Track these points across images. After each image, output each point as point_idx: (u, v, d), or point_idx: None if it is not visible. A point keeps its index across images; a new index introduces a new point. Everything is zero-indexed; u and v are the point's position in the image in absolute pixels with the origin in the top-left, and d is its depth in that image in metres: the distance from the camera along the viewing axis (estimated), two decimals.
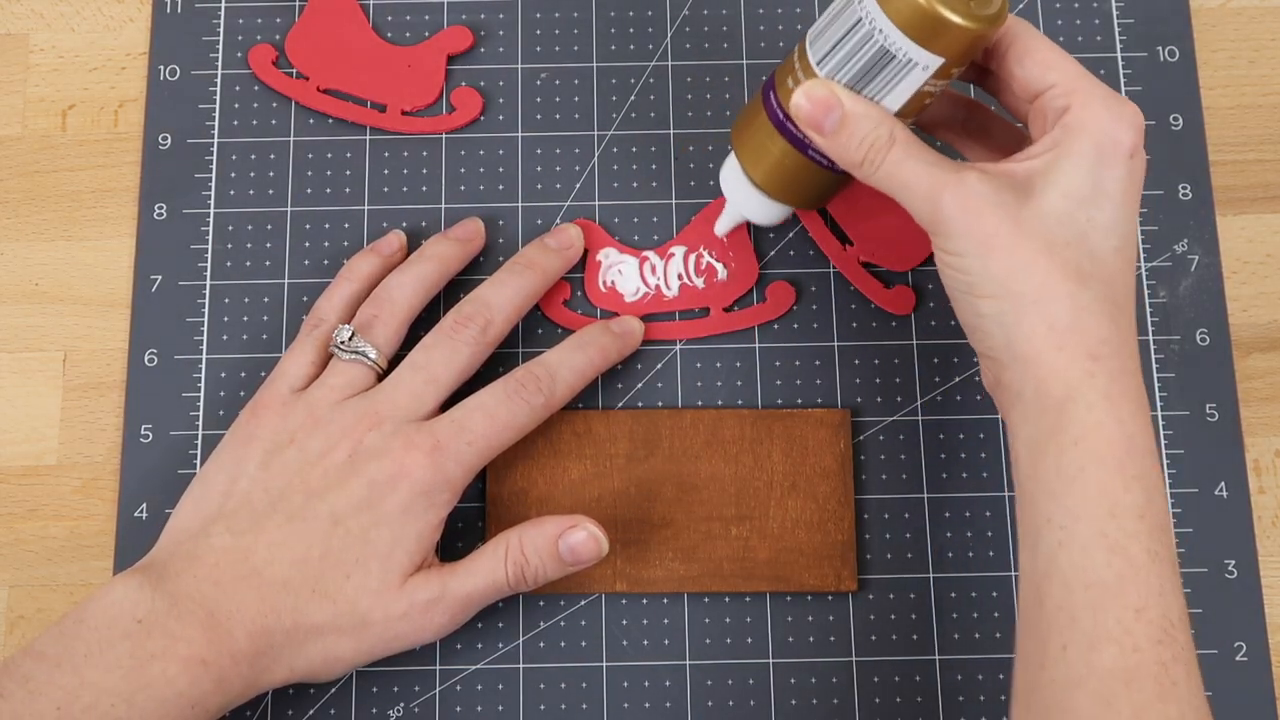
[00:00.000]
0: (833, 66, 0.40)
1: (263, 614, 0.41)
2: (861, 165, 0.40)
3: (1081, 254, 0.38)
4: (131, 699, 0.39)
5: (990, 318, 0.38)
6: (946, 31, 0.38)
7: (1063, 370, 0.37)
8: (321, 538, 0.42)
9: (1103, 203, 0.38)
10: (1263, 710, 0.47)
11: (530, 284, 0.47)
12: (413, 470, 0.43)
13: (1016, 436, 0.39)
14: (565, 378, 0.46)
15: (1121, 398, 0.37)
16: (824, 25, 0.40)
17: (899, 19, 0.38)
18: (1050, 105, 0.39)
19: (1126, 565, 0.36)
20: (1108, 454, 0.36)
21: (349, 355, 0.45)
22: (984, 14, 0.38)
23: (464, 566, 0.44)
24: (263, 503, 0.43)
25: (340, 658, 0.43)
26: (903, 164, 0.39)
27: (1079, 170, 0.38)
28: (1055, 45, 0.40)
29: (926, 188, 0.39)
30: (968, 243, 0.38)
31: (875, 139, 0.39)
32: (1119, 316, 0.38)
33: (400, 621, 0.42)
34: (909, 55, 0.38)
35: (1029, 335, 0.37)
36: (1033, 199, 0.38)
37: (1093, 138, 0.38)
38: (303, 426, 0.44)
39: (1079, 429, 0.37)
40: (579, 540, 0.44)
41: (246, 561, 0.42)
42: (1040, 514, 0.37)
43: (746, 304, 0.50)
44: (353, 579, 0.42)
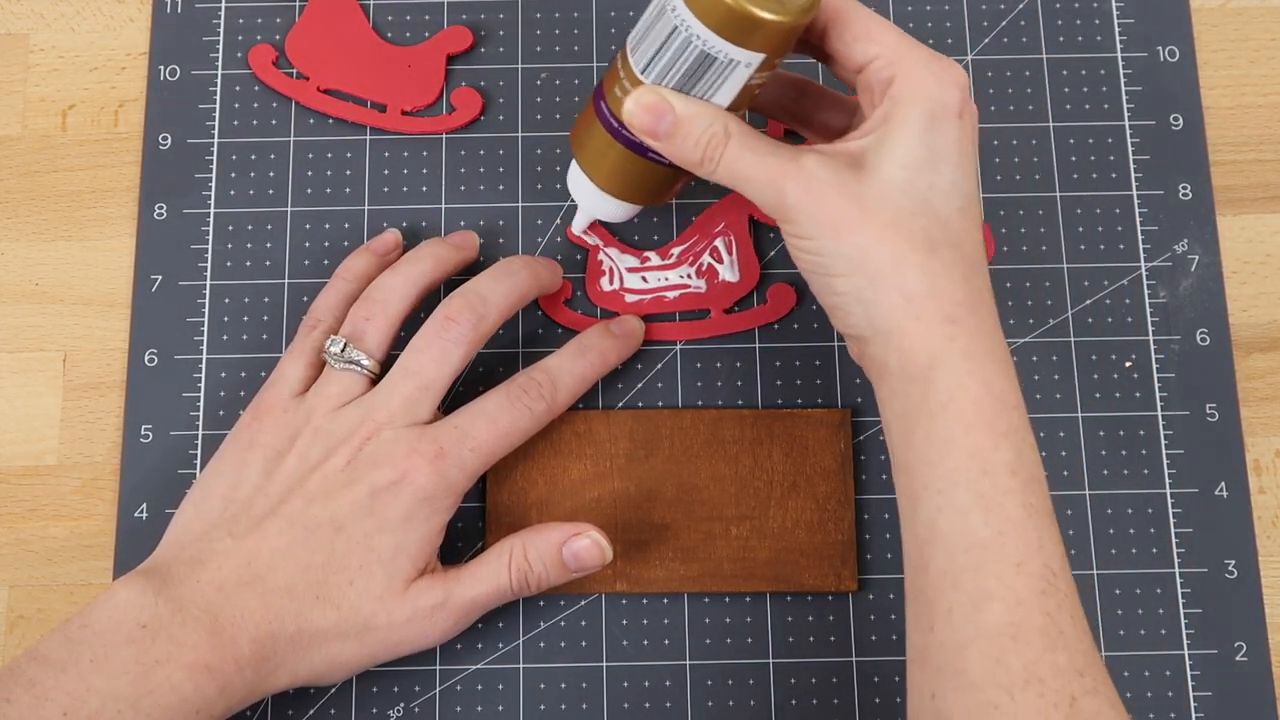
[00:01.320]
0: (658, 73, 0.39)
1: (266, 620, 0.41)
2: (702, 164, 0.40)
3: (928, 221, 0.38)
4: (137, 704, 0.39)
5: (848, 295, 0.39)
6: (760, 28, 0.37)
7: (923, 338, 0.38)
8: (325, 544, 0.42)
9: (940, 166, 0.38)
10: (1263, 710, 0.47)
11: (524, 282, 0.47)
12: (416, 477, 0.43)
13: (887, 408, 0.39)
14: (567, 383, 0.46)
15: (984, 356, 0.38)
16: (641, 33, 0.40)
17: (712, 22, 0.37)
18: (875, 78, 0.39)
19: (1004, 522, 0.36)
20: (975, 415, 0.37)
21: (342, 365, 0.45)
22: (796, 4, 0.38)
23: (467, 572, 0.44)
24: (264, 509, 0.43)
25: (343, 663, 0.43)
26: (741, 158, 0.39)
27: (911, 139, 0.38)
28: (874, 16, 0.39)
29: (767, 178, 0.39)
30: (816, 226, 0.38)
31: (711, 137, 0.39)
32: (972, 276, 0.38)
33: (403, 627, 0.43)
34: (729, 55, 0.38)
35: (887, 308, 0.38)
36: (872, 174, 0.38)
37: (920, 105, 0.38)
38: (303, 434, 0.44)
39: (945, 393, 0.37)
40: (583, 547, 0.44)
41: (249, 567, 0.42)
42: (917, 481, 0.38)
43: (747, 305, 0.50)
44: (356, 585, 0.42)
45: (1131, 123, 0.52)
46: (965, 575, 0.36)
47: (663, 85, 0.39)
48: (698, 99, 0.40)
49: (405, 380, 0.44)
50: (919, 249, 0.38)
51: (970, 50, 0.53)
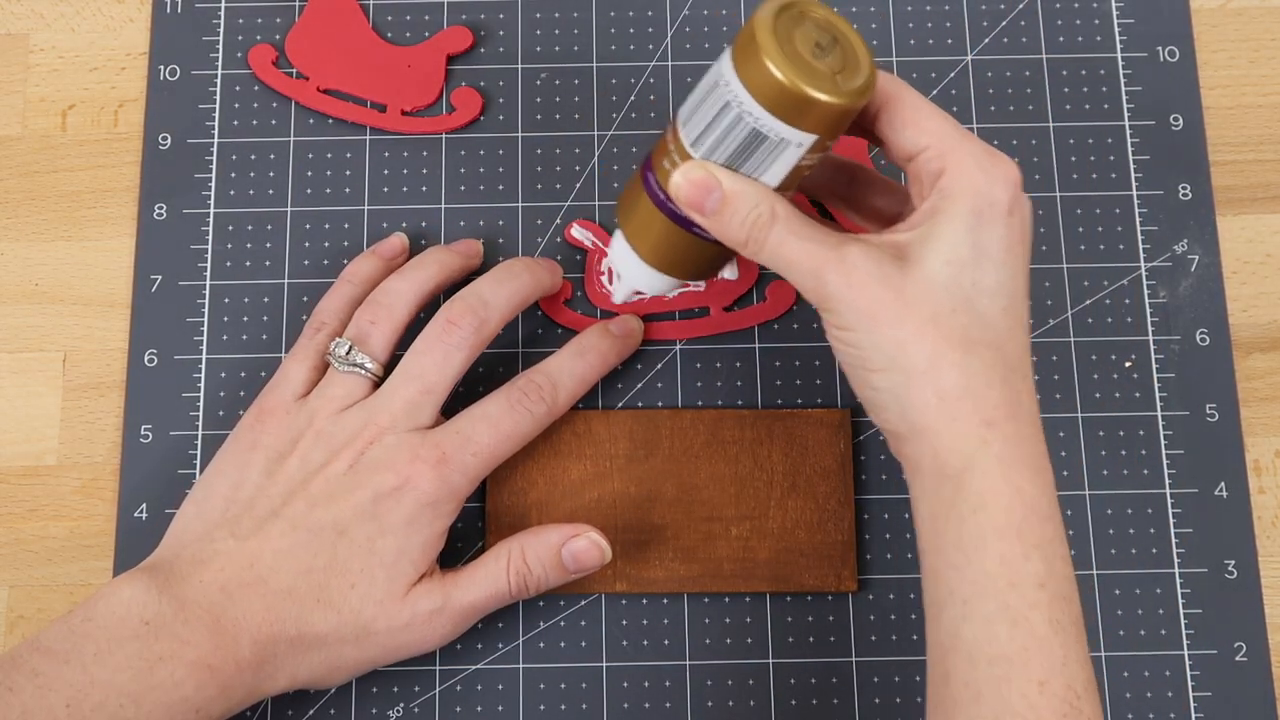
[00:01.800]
0: (708, 148, 0.39)
1: (268, 622, 0.41)
2: (746, 244, 0.39)
3: (969, 320, 0.37)
4: (140, 700, 0.39)
5: (884, 391, 0.38)
6: (813, 109, 0.37)
7: (958, 440, 0.37)
8: (327, 547, 0.42)
9: (985, 264, 0.37)
10: (1263, 710, 0.47)
11: (526, 285, 0.47)
12: (418, 482, 0.43)
13: (919, 508, 0.38)
14: (567, 385, 0.46)
15: (1018, 463, 0.37)
16: (693, 108, 0.39)
17: (765, 100, 0.37)
18: (925, 169, 0.38)
19: (1029, 637, 0.35)
20: (1005, 522, 0.36)
21: (346, 368, 0.45)
22: (850, 87, 0.37)
23: (466, 575, 0.44)
24: (266, 510, 0.43)
25: (342, 666, 0.43)
26: (785, 242, 0.38)
27: (957, 235, 0.37)
28: (927, 104, 0.39)
29: (810, 265, 0.38)
30: (854, 318, 0.38)
31: (756, 217, 0.38)
32: (1012, 379, 0.37)
33: (403, 631, 0.43)
34: (780, 134, 0.37)
35: (922, 407, 0.37)
36: (915, 269, 0.37)
37: (968, 201, 0.37)
38: (305, 437, 0.44)
39: (976, 498, 0.36)
40: (581, 548, 0.44)
41: (252, 569, 0.42)
42: (943, 587, 0.37)
43: (746, 303, 0.50)
44: (357, 589, 0.42)
45: (1131, 123, 0.52)
46: (987, 689, 0.35)
47: (712, 161, 0.39)
48: (746, 177, 0.39)
49: (407, 384, 0.44)
50: (957, 347, 0.37)
51: (970, 50, 0.53)
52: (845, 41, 0.38)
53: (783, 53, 0.36)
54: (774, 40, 0.36)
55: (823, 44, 0.37)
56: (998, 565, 0.36)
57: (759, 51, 0.36)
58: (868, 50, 0.38)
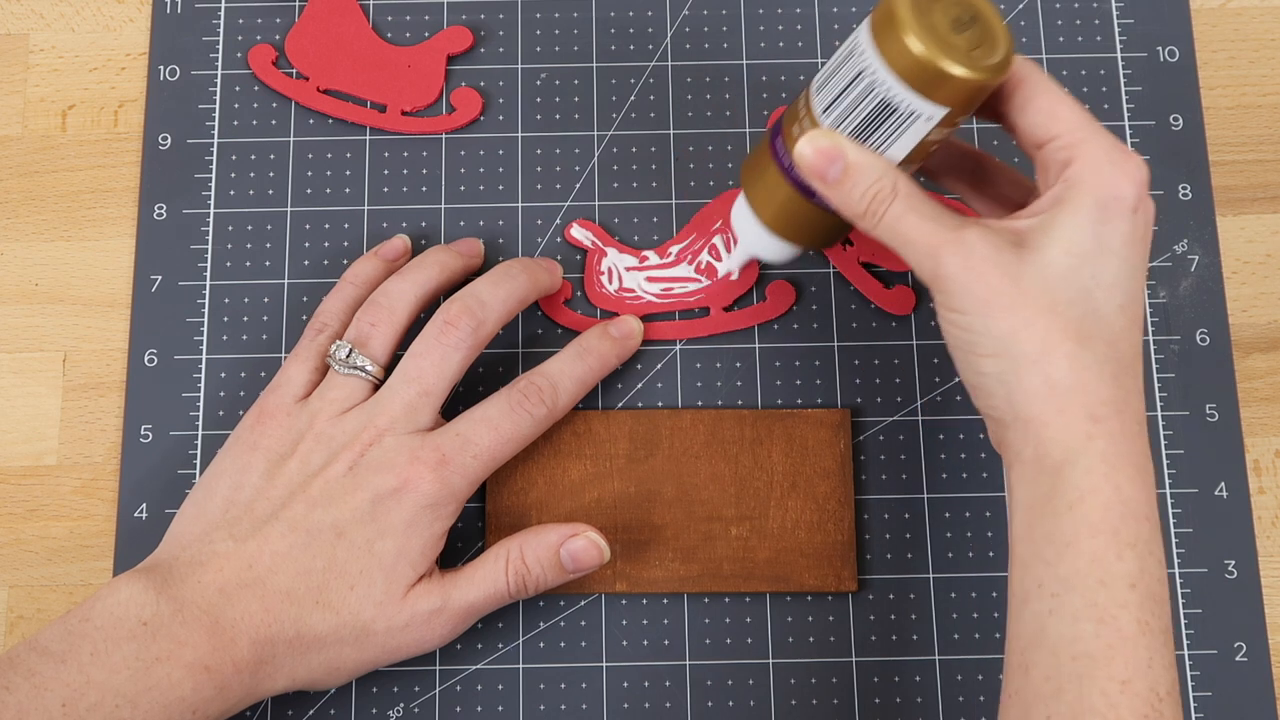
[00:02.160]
0: (837, 116, 0.39)
1: (266, 623, 0.41)
2: (864, 217, 0.39)
3: (1084, 312, 0.37)
4: (136, 701, 0.39)
5: (992, 377, 0.38)
6: (947, 83, 0.37)
7: (1062, 432, 0.36)
8: (325, 549, 0.42)
9: (1106, 259, 0.37)
10: (1263, 710, 0.47)
11: (521, 287, 0.47)
12: (419, 484, 0.43)
13: (1014, 496, 0.38)
14: (567, 387, 0.46)
15: (1120, 461, 0.36)
16: (827, 75, 0.39)
17: (900, 71, 0.37)
18: (1053, 158, 0.38)
19: (1115, 636, 0.35)
20: (1102, 520, 0.36)
21: (347, 371, 0.45)
22: (987, 63, 0.37)
23: (465, 576, 0.44)
24: (265, 512, 0.43)
25: (341, 667, 0.43)
26: (904, 218, 0.38)
27: (1080, 226, 0.37)
28: (1061, 91, 0.39)
29: (927, 244, 0.38)
30: (968, 301, 0.37)
31: (878, 191, 0.38)
32: (1123, 376, 0.37)
33: (402, 632, 0.43)
34: (911, 107, 0.38)
35: (1029, 395, 0.37)
36: (1034, 256, 0.37)
37: (1094, 193, 0.37)
38: (305, 439, 0.44)
39: (1075, 493, 0.36)
40: (580, 548, 0.44)
41: (251, 570, 0.42)
42: (1031, 578, 0.37)
43: (746, 303, 0.50)
44: (356, 590, 0.42)
45: (1131, 123, 0.52)
46: (1068, 684, 0.35)
47: (841, 128, 0.39)
48: (871, 150, 0.39)
49: (406, 386, 0.44)
50: (1070, 338, 0.37)
51: None
52: (984, 19, 0.38)
53: (921, 24, 0.37)
54: (913, 12, 0.37)
55: (962, 20, 0.38)
56: (1089, 562, 0.36)
57: (897, 22, 0.37)
58: (1006, 29, 0.38)
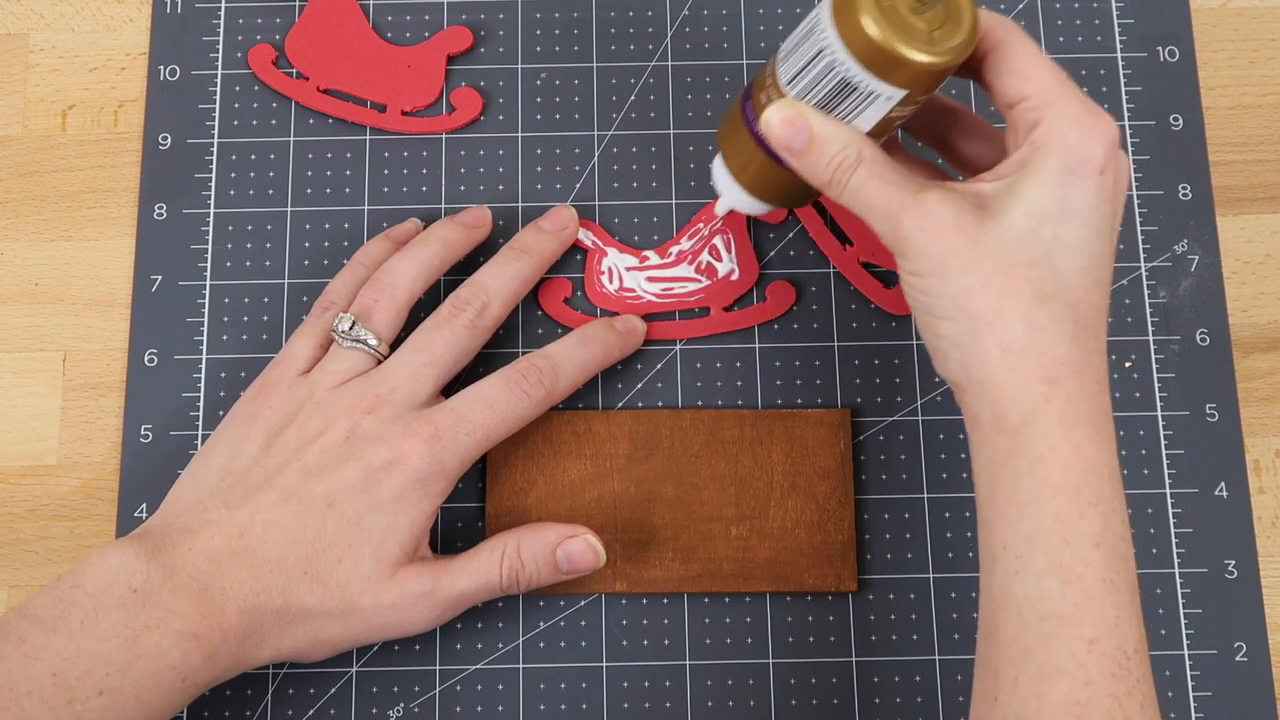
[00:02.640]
0: (801, 88, 0.39)
1: (255, 592, 0.41)
2: (829, 186, 0.39)
3: (1044, 273, 0.37)
4: (125, 669, 0.39)
5: (948, 339, 0.38)
6: (904, 66, 0.37)
7: (1018, 393, 0.36)
8: (316, 520, 0.42)
9: (1069, 221, 0.37)
10: (1263, 710, 0.47)
11: (526, 268, 0.47)
12: (410, 458, 0.43)
13: (976, 458, 0.38)
14: (567, 371, 0.46)
15: (1079, 420, 0.36)
16: (791, 47, 0.39)
17: (856, 52, 0.37)
18: (1022, 119, 0.38)
19: (1081, 595, 0.35)
20: (1063, 480, 0.36)
21: (349, 343, 0.45)
22: (947, 44, 0.37)
23: (458, 564, 0.44)
24: (259, 480, 0.43)
25: (327, 640, 0.43)
26: (866, 184, 0.38)
27: (1044, 188, 0.37)
28: (1035, 52, 0.38)
29: (887, 209, 0.38)
30: (926, 263, 0.37)
31: (842, 160, 0.39)
32: (1082, 337, 0.37)
33: (389, 611, 0.43)
34: (870, 87, 0.38)
35: (984, 357, 0.37)
36: (995, 218, 0.37)
37: (1059, 155, 0.37)
38: (303, 408, 0.44)
39: (1034, 454, 0.36)
40: (577, 550, 0.44)
41: (241, 538, 0.42)
42: (996, 540, 0.37)
43: (747, 303, 0.50)
44: (345, 563, 0.42)
45: (1131, 123, 0.52)
46: (1036, 644, 0.35)
47: (806, 99, 0.39)
48: (836, 120, 0.39)
49: (410, 356, 0.45)
50: (1026, 300, 0.36)
51: None
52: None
53: (879, 6, 0.36)
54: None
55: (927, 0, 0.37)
56: (1052, 522, 0.36)
57: (854, 4, 0.36)
58: (972, 6, 0.38)
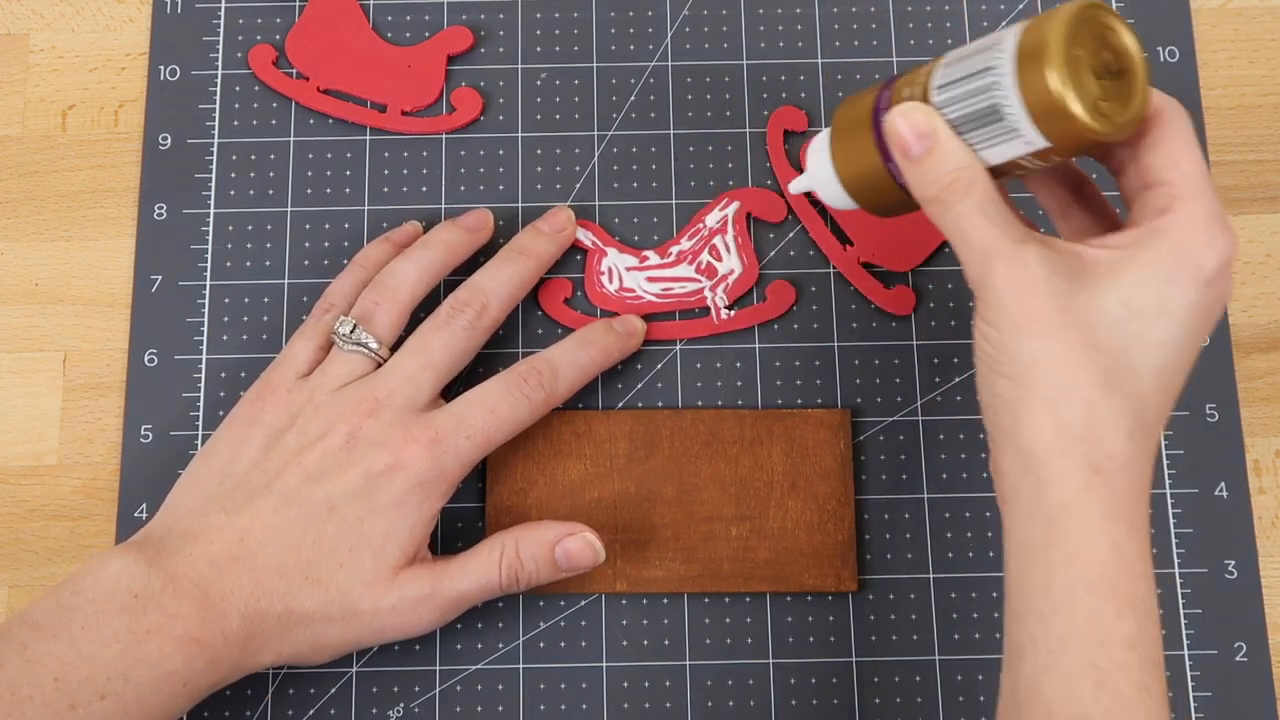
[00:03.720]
0: (948, 98, 0.38)
1: (256, 597, 0.41)
2: (933, 202, 0.38)
3: (1118, 363, 0.35)
4: (127, 675, 0.39)
5: (1004, 400, 0.36)
6: (1063, 121, 0.35)
7: (1063, 477, 0.35)
8: (316, 524, 0.42)
9: (1161, 321, 0.35)
10: (1263, 710, 0.47)
11: (525, 270, 0.47)
12: (410, 463, 0.43)
13: (1008, 540, 0.37)
14: (567, 374, 0.46)
15: (1120, 517, 0.35)
16: (959, 56, 0.38)
17: (1025, 90, 0.35)
18: (1152, 202, 0.37)
19: (1114, 700, 0.34)
20: (1100, 578, 0.34)
21: (350, 346, 0.45)
22: (1116, 120, 0.35)
23: (457, 565, 0.44)
24: (259, 484, 0.43)
25: (327, 644, 0.43)
26: (970, 216, 0.37)
27: (1147, 280, 0.35)
28: (1194, 144, 0.37)
29: (984, 248, 0.36)
30: (1004, 316, 0.36)
31: (955, 180, 0.37)
32: (1139, 435, 0.35)
33: (389, 615, 0.43)
34: (1018, 124, 0.36)
35: (1037, 430, 0.35)
36: (1089, 293, 0.36)
37: (1175, 252, 0.35)
38: (303, 412, 0.44)
39: (1071, 545, 0.35)
40: (576, 548, 0.44)
41: (242, 543, 0.42)
42: (1025, 633, 0.35)
43: (746, 303, 0.50)
44: (345, 568, 0.42)
45: None
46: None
47: (945, 113, 0.38)
48: (964, 143, 0.38)
49: (410, 359, 0.45)
50: (1094, 384, 0.35)
51: None
52: (1131, 75, 0.36)
53: (1066, 58, 0.35)
54: (1064, 44, 0.35)
55: (1110, 68, 0.36)
56: (1086, 622, 0.34)
57: (1046, 48, 0.35)
58: (1147, 92, 0.37)
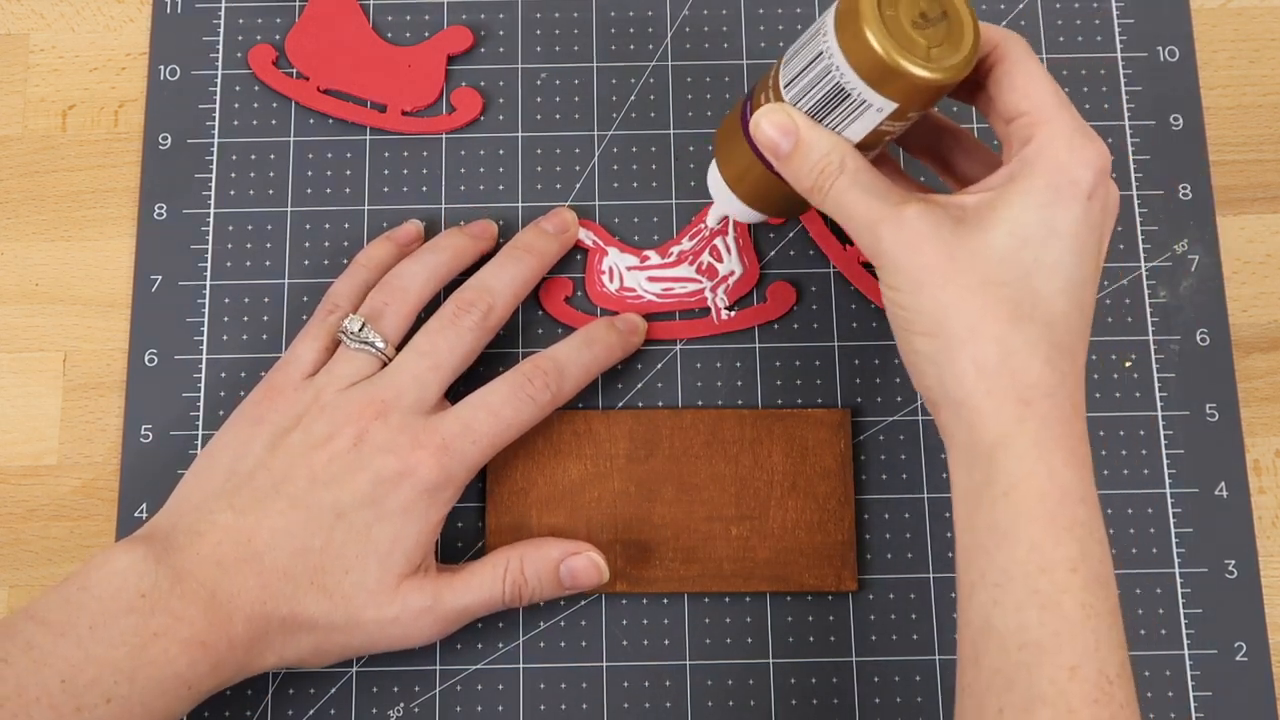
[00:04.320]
0: (796, 92, 0.39)
1: (262, 600, 0.41)
2: (812, 192, 0.39)
3: (1021, 293, 0.36)
4: (133, 677, 0.39)
5: (924, 355, 0.37)
6: (899, 79, 0.36)
7: (992, 415, 0.36)
8: (324, 529, 0.42)
9: (1051, 242, 0.36)
10: (1263, 710, 0.47)
11: (528, 268, 0.47)
12: (418, 469, 0.43)
13: (954, 485, 0.38)
14: (573, 374, 0.46)
15: (1054, 444, 0.36)
16: (795, 50, 0.39)
17: (854, 61, 0.37)
18: (1016, 135, 0.38)
19: (1060, 622, 0.35)
20: (1037, 506, 0.35)
21: (357, 345, 0.45)
22: (946, 63, 0.36)
23: (461, 579, 0.44)
24: (266, 485, 0.43)
25: (329, 650, 0.43)
26: (847, 193, 0.38)
27: (1028, 208, 0.36)
28: (1039, 70, 0.38)
29: (867, 218, 0.38)
30: (903, 277, 0.37)
31: (825, 166, 0.38)
32: (1058, 359, 0.36)
33: (391, 625, 0.43)
34: (864, 96, 0.37)
35: (959, 376, 0.36)
36: (976, 234, 0.37)
37: (1047, 175, 0.37)
38: (309, 412, 0.44)
39: (1008, 479, 0.36)
40: (580, 567, 0.45)
41: (249, 544, 0.42)
42: (974, 569, 0.37)
43: (747, 304, 0.50)
44: (352, 574, 0.42)
45: (1131, 123, 0.52)
46: (1017, 674, 0.35)
47: (800, 105, 0.39)
48: (825, 128, 0.39)
49: (416, 360, 0.44)
50: (1001, 319, 0.36)
51: None
52: (954, 15, 0.37)
53: (881, 17, 0.36)
54: (873, 5, 0.36)
55: (929, 15, 0.37)
56: (1028, 550, 0.35)
57: (858, 12, 0.36)
58: (974, 26, 0.37)
